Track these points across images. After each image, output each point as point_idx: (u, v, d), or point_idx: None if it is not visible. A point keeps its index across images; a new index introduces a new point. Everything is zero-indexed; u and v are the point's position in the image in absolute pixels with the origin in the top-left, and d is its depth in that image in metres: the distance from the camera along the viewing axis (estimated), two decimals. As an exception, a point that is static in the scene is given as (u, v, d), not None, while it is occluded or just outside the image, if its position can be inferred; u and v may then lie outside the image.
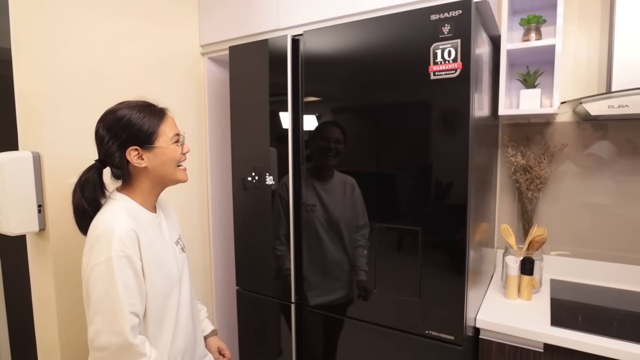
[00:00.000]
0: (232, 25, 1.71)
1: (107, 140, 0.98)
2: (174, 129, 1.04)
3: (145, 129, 0.98)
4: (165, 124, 1.02)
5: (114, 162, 0.99)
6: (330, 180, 1.35)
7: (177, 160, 1.04)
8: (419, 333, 1.21)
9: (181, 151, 1.05)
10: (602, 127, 1.50)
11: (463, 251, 1.13)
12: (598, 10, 1.47)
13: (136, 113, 0.99)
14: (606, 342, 1.10)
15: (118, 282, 0.88)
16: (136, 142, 0.98)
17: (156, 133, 1.00)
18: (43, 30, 1.26)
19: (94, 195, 0.99)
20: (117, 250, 0.89)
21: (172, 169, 1.03)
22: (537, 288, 1.44)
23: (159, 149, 1.00)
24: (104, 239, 0.90)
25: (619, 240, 1.49)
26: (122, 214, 0.95)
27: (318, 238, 1.38)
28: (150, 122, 0.99)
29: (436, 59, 1.11)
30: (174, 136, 1.03)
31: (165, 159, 1.01)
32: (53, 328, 1.34)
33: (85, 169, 1.02)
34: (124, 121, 0.97)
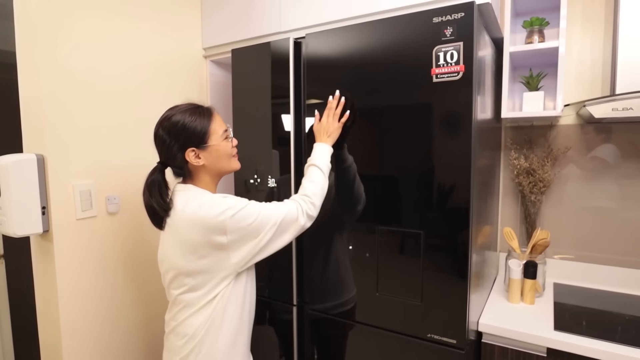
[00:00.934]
0: (234, 28, 1.71)
1: (168, 143, 1.08)
2: (222, 125, 1.13)
3: (198, 130, 1.07)
4: (215, 123, 1.10)
5: (175, 162, 1.10)
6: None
7: (230, 154, 1.13)
8: (421, 337, 1.21)
9: (231, 145, 1.14)
10: (606, 130, 1.49)
11: (465, 254, 1.13)
12: (602, 12, 1.46)
13: (188, 117, 1.07)
14: (610, 347, 1.09)
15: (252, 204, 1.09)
16: (192, 144, 1.07)
17: (208, 133, 1.08)
18: (47, 34, 1.27)
19: (160, 194, 1.09)
20: (241, 199, 1.08)
21: (227, 162, 1.13)
22: (540, 292, 1.43)
23: (212, 147, 1.09)
24: (220, 203, 1.05)
25: (623, 243, 1.48)
26: (208, 192, 1.10)
27: (326, 241, 1.37)
28: (202, 123, 1.08)
29: (438, 61, 1.11)
30: (223, 133, 1.11)
31: (219, 155, 1.11)
32: (56, 331, 1.34)
33: (150, 171, 1.13)
34: (179, 126, 1.07)
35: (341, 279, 1.36)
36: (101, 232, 1.45)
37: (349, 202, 1.31)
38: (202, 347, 1.07)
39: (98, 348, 1.45)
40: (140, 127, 1.58)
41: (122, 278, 1.53)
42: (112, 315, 1.50)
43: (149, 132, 1.60)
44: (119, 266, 1.52)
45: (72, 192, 1.34)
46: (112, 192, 1.48)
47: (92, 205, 1.40)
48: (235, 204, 1.05)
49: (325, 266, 1.38)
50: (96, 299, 1.44)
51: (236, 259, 1.06)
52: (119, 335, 1.53)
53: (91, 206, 1.40)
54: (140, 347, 1.61)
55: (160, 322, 1.70)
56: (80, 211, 1.37)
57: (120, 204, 1.50)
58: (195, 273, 1.06)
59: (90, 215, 1.40)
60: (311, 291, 1.42)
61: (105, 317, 1.48)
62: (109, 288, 1.48)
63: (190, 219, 1.03)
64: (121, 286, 1.53)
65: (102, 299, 1.47)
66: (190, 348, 1.07)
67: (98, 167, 1.43)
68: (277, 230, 1.08)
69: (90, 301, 1.42)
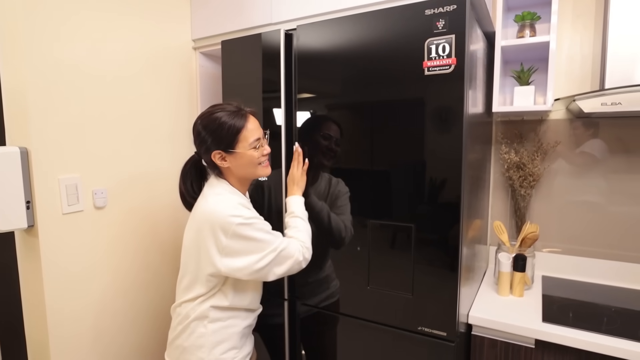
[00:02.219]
0: (224, 20, 1.68)
1: (202, 138, 1.11)
2: (255, 133, 1.12)
3: (227, 135, 1.08)
4: (246, 130, 1.10)
5: (205, 158, 1.15)
6: (318, 179, 1.35)
7: (256, 162, 1.13)
8: (412, 329, 1.21)
9: (260, 154, 1.13)
10: (595, 125, 1.51)
11: (456, 248, 1.13)
12: (592, 7, 1.47)
13: (225, 118, 1.09)
14: (596, 338, 1.11)
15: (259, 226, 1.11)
16: (220, 146, 1.10)
17: (237, 139, 1.09)
18: (31, 24, 1.23)
19: (191, 184, 1.19)
20: (242, 214, 1.07)
21: (252, 169, 1.14)
22: (529, 285, 1.45)
23: (238, 154, 1.10)
24: (222, 212, 1.06)
25: (610, 237, 1.51)
26: (228, 196, 1.11)
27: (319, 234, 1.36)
28: (231, 129, 1.08)
29: (430, 54, 1.10)
30: (253, 142, 1.11)
31: (244, 162, 1.12)
32: (43, 326, 1.32)
33: (187, 160, 1.20)
34: (216, 124, 1.09)
35: (332, 273, 1.36)
36: (88, 227, 1.42)
37: (331, 240, 1.34)
38: (193, 330, 1.14)
39: (86, 344, 1.43)
40: (129, 119, 1.55)
41: (110, 273, 1.51)
42: (99, 311, 1.48)
43: (138, 125, 1.59)
44: (107, 261, 1.49)
45: (58, 186, 1.32)
46: (100, 185, 1.45)
47: (79, 200, 1.38)
48: (248, 216, 1.08)
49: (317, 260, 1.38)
50: (83, 295, 1.42)
51: (225, 266, 1.07)
52: (107, 331, 1.51)
53: (77, 200, 1.37)
54: (128, 342, 1.60)
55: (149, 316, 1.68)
56: (67, 205, 1.34)
57: (107, 198, 1.47)
58: (190, 258, 1.13)
59: (77, 209, 1.38)
60: (302, 285, 1.42)
61: (93, 313, 1.46)
62: (96, 284, 1.46)
63: (207, 209, 1.08)
64: (109, 282, 1.51)
65: (90, 294, 1.44)
66: (181, 328, 1.15)
67: (84, 161, 1.40)
68: (276, 259, 1.10)
69: (78, 297, 1.40)
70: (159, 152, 1.68)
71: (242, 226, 1.05)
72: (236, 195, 1.14)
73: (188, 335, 1.14)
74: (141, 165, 1.61)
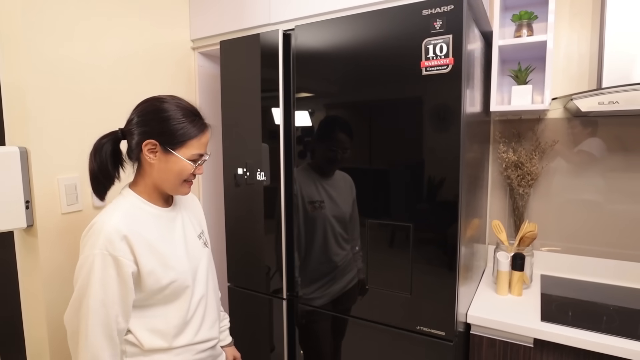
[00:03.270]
0: (223, 20, 1.69)
1: (141, 119, 0.96)
2: (202, 148, 0.99)
3: (175, 131, 0.94)
4: (198, 140, 0.97)
5: (132, 141, 0.97)
6: (333, 176, 1.34)
7: (184, 177, 0.98)
8: (410, 329, 1.22)
9: (193, 171, 0.98)
10: (592, 123, 1.51)
11: (454, 247, 1.13)
12: (589, 7, 1.47)
13: (180, 115, 0.95)
14: (595, 337, 1.11)
15: (100, 288, 0.88)
16: (159, 138, 0.94)
17: (184, 143, 0.95)
18: (30, 23, 1.23)
19: (104, 161, 0.97)
20: (101, 249, 0.87)
21: (175, 181, 0.98)
22: (528, 284, 1.45)
23: (173, 157, 0.95)
24: (93, 235, 0.89)
25: (609, 236, 1.51)
26: (119, 213, 0.93)
27: (324, 235, 1.36)
28: (184, 129, 0.95)
29: (428, 54, 1.10)
30: (196, 155, 0.97)
31: (173, 169, 0.96)
32: (42, 325, 1.32)
33: (104, 135, 1.00)
34: (165, 115, 0.94)
35: (331, 272, 1.36)
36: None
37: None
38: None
39: (85, 344, 1.43)
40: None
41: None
42: (99, 310, 1.48)
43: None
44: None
45: (57, 186, 1.32)
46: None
47: (78, 199, 1.38)
48: (95, 265, 0.88)
49: (315, 259, 1.38)
50: (83, 295, 1.42)
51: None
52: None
53: (77, 200, 1.37)
54: (128, 342, 1.60)
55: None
56: (66, 205, 1.34)
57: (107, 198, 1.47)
58: None
59: (76, 209, 1.38)
60: (301, 284, 1.42)
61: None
62: (96, 283, 1.46)
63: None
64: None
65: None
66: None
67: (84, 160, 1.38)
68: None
69: (77, 296, 1.40)
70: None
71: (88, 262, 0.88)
72: (136, 216, 0.95)
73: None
74: (140, 165, 1.61)
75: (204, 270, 1.08)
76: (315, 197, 1.36)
